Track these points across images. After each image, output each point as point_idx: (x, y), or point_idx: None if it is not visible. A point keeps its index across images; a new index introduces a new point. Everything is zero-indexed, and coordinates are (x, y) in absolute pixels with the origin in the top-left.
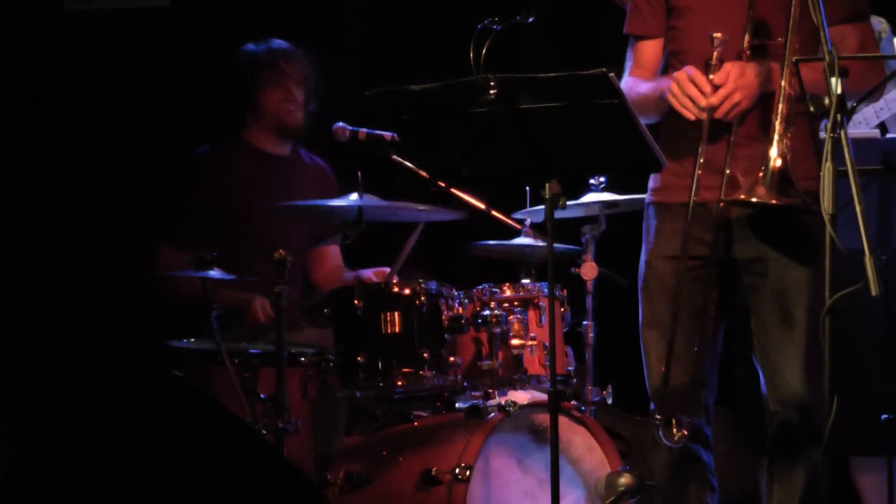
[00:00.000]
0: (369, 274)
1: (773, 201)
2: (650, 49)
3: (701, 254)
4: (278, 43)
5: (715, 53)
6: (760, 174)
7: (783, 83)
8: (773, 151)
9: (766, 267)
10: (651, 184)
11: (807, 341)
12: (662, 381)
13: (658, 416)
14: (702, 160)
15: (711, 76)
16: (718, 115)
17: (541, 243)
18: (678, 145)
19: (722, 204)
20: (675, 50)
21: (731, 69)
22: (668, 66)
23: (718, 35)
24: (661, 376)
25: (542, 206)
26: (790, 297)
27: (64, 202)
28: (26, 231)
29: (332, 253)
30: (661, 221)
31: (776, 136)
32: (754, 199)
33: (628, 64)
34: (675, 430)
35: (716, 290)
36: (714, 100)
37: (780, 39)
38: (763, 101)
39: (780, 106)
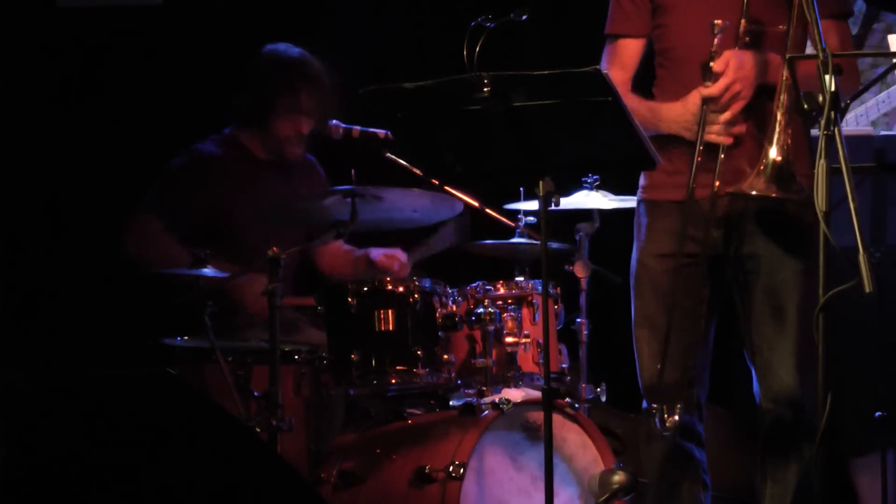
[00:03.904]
0: (379, 255)
1: (773, 194)
2: (633, 48)
3: (692, 251)
4: (306, 59)
5: (715, 41)
6: (761, 167)
7: (784, 73)
8: (774, 144)
9: (758, 264)
10: (642, 181)
11: (799, 338)
12: (658, 374)
13: (654, 406)
14: (700, 151)
15: (711, 63)
16: (720, 104)
17: (535, 242)
18: (670, 143)
19: (726, 190)
20: (664, 48)
21: (729, 58)
22: (658, 64)
23: (719, 22)
24: (655, 372)
25: (536, 202)
26: (783, 294)
27: (56, 199)
28: (20, 229)
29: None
30: (652, 219)
31: (777, 128)
32: (754, 192)
33: (604, 63)
34: (666, 415)
35: (707, 288)
36: (714, 90)
37: (781, 27)
38: (757, 98)
39: (783, 97)
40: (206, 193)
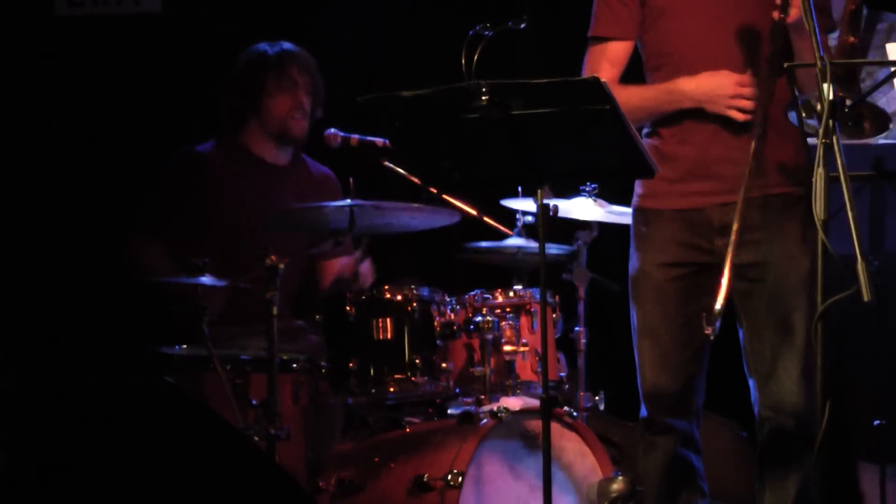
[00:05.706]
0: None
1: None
2: (623, 50)
3: (695, 260)
4: (289, 46)
5: None
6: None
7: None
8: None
9: (764, 271)
10: (639, 190)
11: (805, 346)
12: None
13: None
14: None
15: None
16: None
17: (533, 244)
18: (674, 150)
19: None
20: (662, 51)
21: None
22: (653, 68)
23: None
24: (656, 381)
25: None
26: (789, 301)
27: (55, 207)
28: (16, 236)
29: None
30: (654, 228)
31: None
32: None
33: (590, 64)
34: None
35: (708, 297)
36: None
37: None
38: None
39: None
40: (201, 193)
